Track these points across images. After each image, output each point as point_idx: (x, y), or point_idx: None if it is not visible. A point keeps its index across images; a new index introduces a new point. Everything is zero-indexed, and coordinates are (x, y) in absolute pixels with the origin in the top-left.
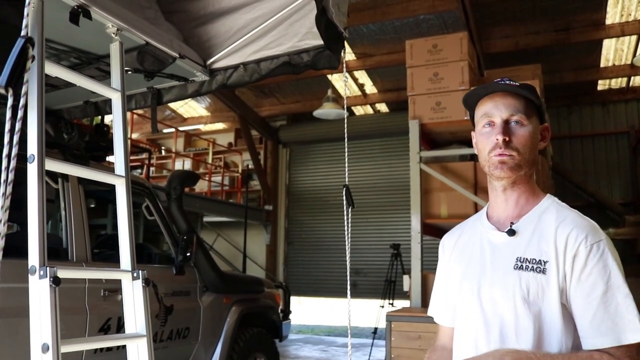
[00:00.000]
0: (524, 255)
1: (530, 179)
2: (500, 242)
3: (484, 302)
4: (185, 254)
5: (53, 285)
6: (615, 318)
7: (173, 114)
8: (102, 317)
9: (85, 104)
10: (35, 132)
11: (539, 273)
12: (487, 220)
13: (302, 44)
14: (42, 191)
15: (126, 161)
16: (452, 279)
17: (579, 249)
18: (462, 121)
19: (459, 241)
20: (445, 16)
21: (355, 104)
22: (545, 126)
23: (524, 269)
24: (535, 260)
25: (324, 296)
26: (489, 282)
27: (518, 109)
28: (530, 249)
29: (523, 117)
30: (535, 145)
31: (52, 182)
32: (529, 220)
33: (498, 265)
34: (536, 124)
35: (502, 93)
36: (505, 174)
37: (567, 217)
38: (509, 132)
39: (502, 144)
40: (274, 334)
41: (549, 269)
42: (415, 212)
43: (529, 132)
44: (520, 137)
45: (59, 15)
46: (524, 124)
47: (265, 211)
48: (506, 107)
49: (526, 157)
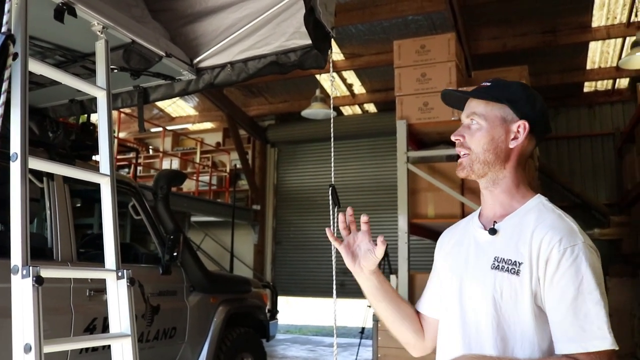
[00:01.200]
0: (501, 255)
1: (509, 179)
2: (483, 241)
3: (463, 300)
4: (172, 253)
5: (36, 284)
6: (584, 324)
7: (161, 113)
8: (87, 317)
9: (71, 102)
10: (19, 130)
11: (512, 274)
12: (477, 218)
13: (289, 44)
14: (25, 190)
15: (111, 160)
16: (443, 274)
17: (552, 253)
18: (449, 121)
19: (454, 239)
20: (434, 17)
21: (343, 104)
22: (520, 123)
23: (500, 269)
24: (510, 261)
25: (311, 296)
26: (470, 279)
27: (475, 110)
28: (508, 250)
29: (478, 117)
30: (495, 145)
31: (37, 181)
32: (511, 220)
33: (479, 263)
34: (499, 124)
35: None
36: (463, 173)
37: (546, 219)
38: (464, 132)
39: (457, 144)
40: (261, 333)
41: (522, 270)
42: (402, 212)
43: (482, 131)
44: (472, 136)
45: (43, 12)
46: (480, 124)
47: (253, 211)
48: (466, 109)
49: (481, 157)
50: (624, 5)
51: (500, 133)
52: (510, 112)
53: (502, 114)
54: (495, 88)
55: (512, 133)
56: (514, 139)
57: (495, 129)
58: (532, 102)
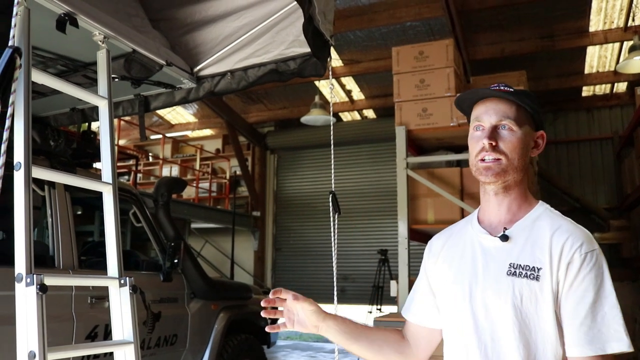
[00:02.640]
0: (518, 262)
1: (522, 185)
2: (492, 247)
3: (475, 307)
4: (172, 260)
5: (40, 292)
6: (602, 327)
7: (160, 121)
8: (89, 324)
9: (72, 111)
10: (22, 139)
11: (532, 280)
12: (478, 224)
13: (288, 52)
14: (29, 199)
15: (113, 169)
16: (439, 281)
17: (574, 257)
18: (448, 127)
19: (448, 243)
20: (432, 23)
21: (342, 110)
22: (540, 134)
23: (517, 275)
24: (528, 267)
25: None
26: (481, 288)
27: (507, 114)
28: (524, 256)
29: (512, 122)
30: (526, 152)
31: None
32: (522, 226)
33: (491, 270)
34: (528, 131)
35: (495, 98)
36: (490, 179)
37: (562, 225)
38: (496, 137)
39: (489, 148)
40: (262, 340)
41: (542, 275)
42: (402, 218)
43: (517, 137)
44: (508, 142)
45: (45, 23)
46: (513, 130)
47: (253, 217)
48: (495, 113)
49: (514, 163)
50: (620, 10)
51: (529, 140)
52: (532, 121)
53: (529, 121)
54: (524, 95)
55: (533, 142)
56: (534, 148)
57: (527, 136)
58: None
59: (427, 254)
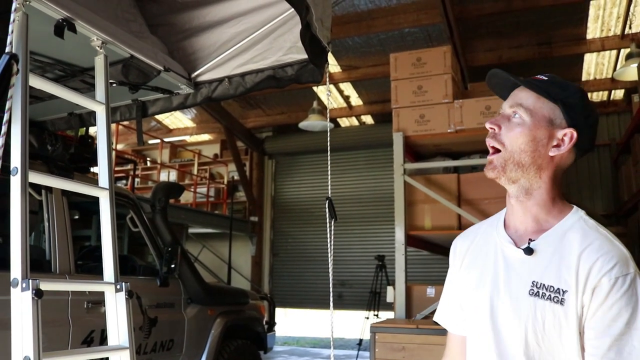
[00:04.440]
0: (541, 281)
1: (546, 189)
2: (515, 259)
3: (496, 322)
4: (169, 265)
5: (35, 297)
6: None
7: (158, 125)
8: (85, 329)
9: (70, 115)
10: (19, 144)
11: (556, 303)
12: (503, 229)
13: (286, 58)
14: (25, 204)
15: (110, 174)
16: (464, 287)
17: (602, 281)
18: (445, 134)
19: (472, 246)
20: (430, 29)
21: (340, 116)
22: (567, 131)
23: (540, 297)
24: (553, 288)
25: (309, 307)
26: (503, 303)
27: (522, 102)
28: (549, 274)
29: (524, 111)
30: (534, 148)
31: (36, 194)
32: (550, 238)
33: (513, 286)
34: (544, 125)
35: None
36: (489, 174)
37: (594, 241)
38: (503, 123)
39: (490, 133)
40: (258, 345)
41: (567, 300)
42: (399, 224)
43: (523, 128)
44: (510, 131)
45: (43, 28)
46: (523, 119)
47: (250, 222)
48: (512, 99)
49: (515, 158)
50: (617, 18)
51: (543, 135)
52: (560, 116)
53: (552, 115)
54: (552, 84)
55: (556, 140)
56: (556, 146)
57: (539, 130)
58: (587, 112)
59: (452, 255)
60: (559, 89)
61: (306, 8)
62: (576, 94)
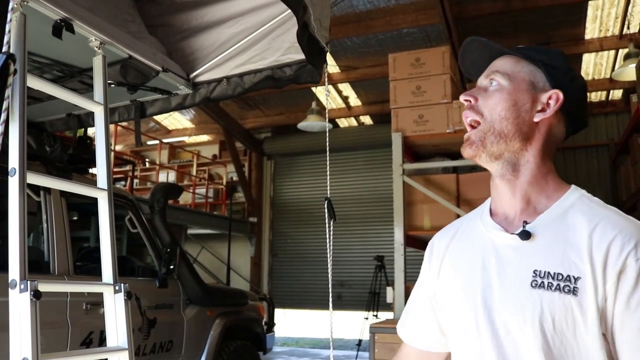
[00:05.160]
0: (545, 269)
1: (534, 164)
2: (508, 248)
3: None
4: (168, 266)
5: (34, 299)
6: None
7: (157, 126)
8: (84, 330)
9: (68, 116)
10: (17, 145)
11: (567, 294)
12: (489, 217)
13: (284, 58)
14: (24, 204)
15: (109, 174)
16: (444, 292)
17: (627, 263)
18: (444, 134)
19: (453, 242)
20: (429, 30)
21: (339, 116)
22: (551, 93)
23: (546, 288)
24: (561, 275)
25: (308, 308)
26: (500, 301)
27: (499, 68)
28: (553, 260)
29: (501, 76)
30: (516, 114)
31: (34, 195)
32: (549, 219)
33: (509, 278)
34: (526, 87)
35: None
36: (469, 150)
37: (605, 217)
38: (477, 94)
39: (466, 106)
40: (258, 346)
41: (581, 288)
42: (398, 224)
43: (502, 93)
44: (487, 98)
45: (42, 28)
46: (501, 84)
47: (249, 223)
48: (487, 69)
49: (496, 126)
50: (616, 18)
51: (525, 99)
52: (542, 78)
53: (532, 77)
54: (530, 49)
55: (540, 104)
56: (540, 111)
57: (520, 94)
58: (572, 75)
59: (427, 257)
60: (539, 52)
61: (303, 8)
62: (558, 56)
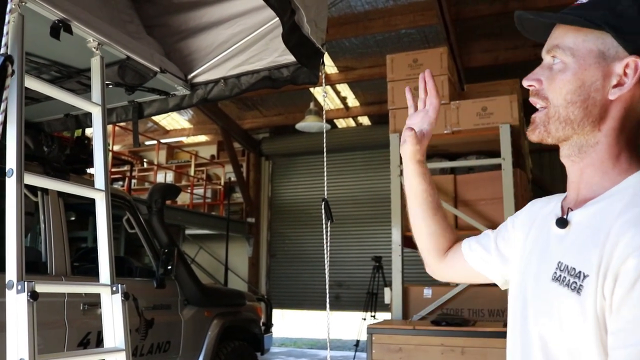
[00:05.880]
0: (566, 261)
1: (605, 145)
2: (554, 236)
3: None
4: (166, 267)
5: (31, 300)
6: None
7: (155, 126)
8: (81, 331)
9: (66, 116)
10: (15, 146)
11: (572, 291)
12: (562, 199)
13: (282, 59)
14: (21, 205)
15: (106, 175)
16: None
17: (627, 263)
18: (442, 135)
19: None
20: (427, 31)
21: (337, 117)
22: (627, 61)
23: (561, 282)
24: (574, 270)
25: (306, 309)
26: (531, 292)
27: (557, 42)
28: (574, 253)
29: (562, 52)
30: (586, 94)
31: (32, 195)
32: (591, 208)
33: (541, 268)
34: (593, 61)
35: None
36: (534, 135)
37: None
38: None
39: (532, 93)
40: (255, 347)
41: (585, 287)
42: (396, 225)
43: (566, 73)
44: (552, 81)
45: (39, 29)
46: (565, 62)
47: (247, 224)
48: (548, 41)
49: (561, 112)
50: None
51: (594, 76)
52: (613, 44)
53: (601, 46)
54: (591, 7)
55: (615, 77)
56: (617, 86)
57: (588, 70)
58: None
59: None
60: (603, 8)
61: (291, 11)
62: (631, 7)
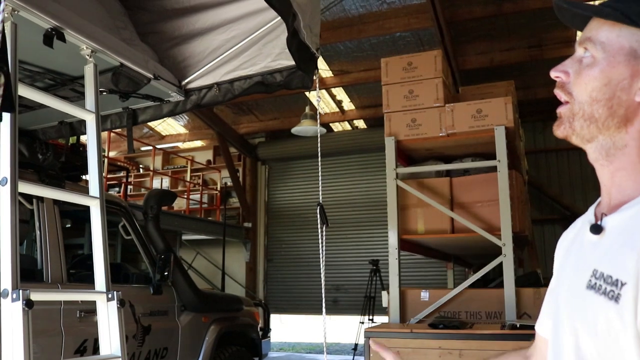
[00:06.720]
0: (601, 269)
1: (634, 149)
2: (588, 243)
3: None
4: (162, 273)
5: (26, 308)
6: None
7: (151, 132)
8: (78, 338)
9: (61, 124)
10: (9, 154)
11: (610, 300)
12: (595, 206)
13: (275, 64)
14: (15, 214)
15: (100, 183)
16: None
17: None
18: (437, 138)
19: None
20: (421, 34)
21: (333, 121)
22: None
23: (596, 290)
24: (611, 278)
25: (304, 313)
26: (565, 300)
27: (592, 35)
28: (610, 261)
29: (593, 46)
30: (611, 93)
31: (27, 203)
32: (625, 213)
33: (576, 276)
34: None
35: None
36: (559, 130)
37: None
38: (569, 68)
39: (558, 85)
40: (253, 352)
41: (624, 295)
42: (392, 228)
43: (594, 69)
44: (579, 75)
45: (33, 37)
46: (595, 57)
47: (244, 228)
48: (583, 32)
49: (586, 109)
50: None
51: (622, 74)
52: None
53: (635, 44)
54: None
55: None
56: None
57: (616, 68)
58: None
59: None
60: None
61: (293, 15)
62: None
